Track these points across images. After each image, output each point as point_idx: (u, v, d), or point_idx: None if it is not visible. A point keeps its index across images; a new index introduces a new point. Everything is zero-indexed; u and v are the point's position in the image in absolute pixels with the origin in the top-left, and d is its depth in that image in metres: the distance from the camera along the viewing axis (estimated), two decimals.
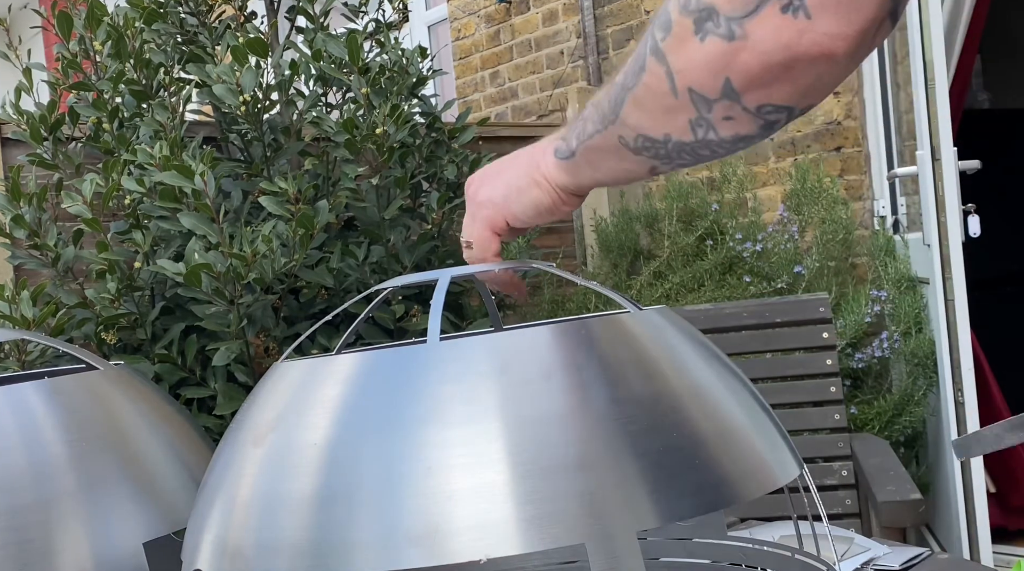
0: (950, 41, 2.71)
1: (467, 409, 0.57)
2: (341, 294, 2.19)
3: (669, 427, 0.58)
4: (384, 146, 2.14)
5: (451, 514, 0.54)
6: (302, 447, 0.59)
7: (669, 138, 0.63)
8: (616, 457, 0.56)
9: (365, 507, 0.55)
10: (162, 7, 2.22)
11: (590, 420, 0.57)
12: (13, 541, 0.78)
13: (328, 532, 0.55)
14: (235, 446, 0.64)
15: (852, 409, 2.66)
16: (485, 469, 0.55)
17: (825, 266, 2.90)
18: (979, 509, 2.41)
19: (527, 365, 0.58)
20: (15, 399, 0.85)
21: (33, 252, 2.03)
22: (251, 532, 0.58)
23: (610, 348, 0.61)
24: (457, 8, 4.50)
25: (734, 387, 0.64)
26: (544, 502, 0.54)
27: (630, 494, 0.55)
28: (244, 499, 0.60)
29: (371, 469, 0.56)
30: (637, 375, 0.60)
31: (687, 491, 0.56)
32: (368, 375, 0.60)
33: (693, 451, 0.58)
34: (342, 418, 0.59)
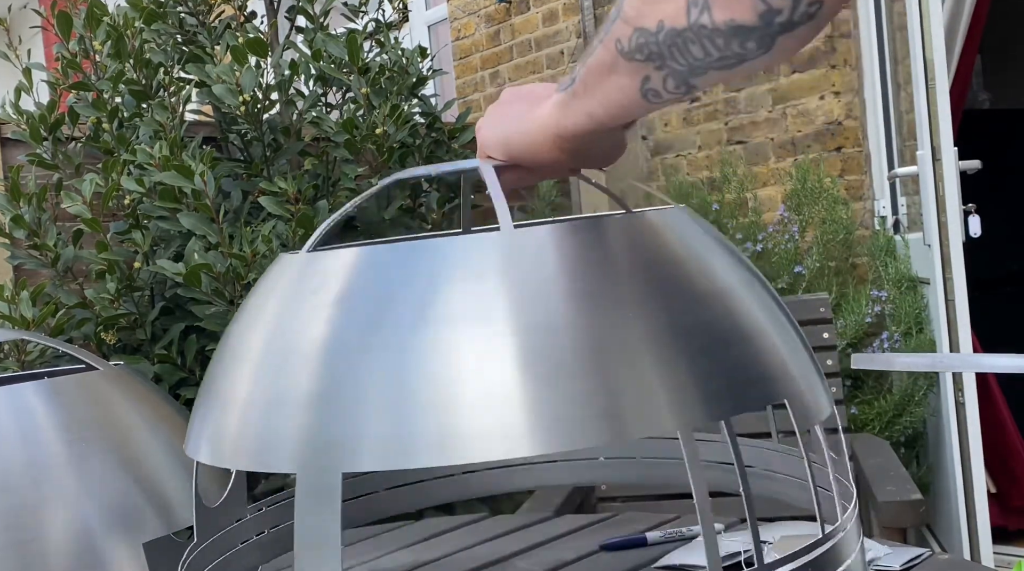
0: (950, 41, 2.71)
1: (479, 307, 0.55)
2: None
3: (696, 327, 0.56)
4: (384, 146, 2.14)
5: (461, 414, 0.52)
6: (304, 342, 0.57)
7: (662, 26, 0.57)
8: (634, 357, 0.54)
9: (371, 405, 0.53)
10: (162, 7, 2.22)
11: (607, 319, 0.55)
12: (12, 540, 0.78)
13: (331, 429, 0.53)
14: (236, 339, 0.62)
15: (852, 409, 2.66)
16: (497, 368, 0.53)
17: (825, 266, 2.89)
18: (979, 509, 2.41)
19: (544, 263, 0.56)
20: (15, 399, 0.85)
21: (33, 252, 2.03)
22: (250, 427, 0.57)
23: (630, 246, 0.59)
24: (457, 8, 4.50)
25: (766, 295, 0.63)
26: (557, 403, 0.52)
27: (647, 395, 0.53)
28: (244, 395, 0.59)
29: (376, 366, 0.54)
30: (661, 274, 0.58)
31: (712, 393, 0.55)
32: (372, 269, 0.58)
33: (721, 350, 0.56)
34: (346, 313, 0.57)
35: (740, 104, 3.33)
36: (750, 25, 0.54)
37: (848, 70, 3.05)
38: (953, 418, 2.46)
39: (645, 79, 0.61)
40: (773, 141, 3.24)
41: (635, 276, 0.57)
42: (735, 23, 0.54)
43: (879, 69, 3.03)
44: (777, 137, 3.22)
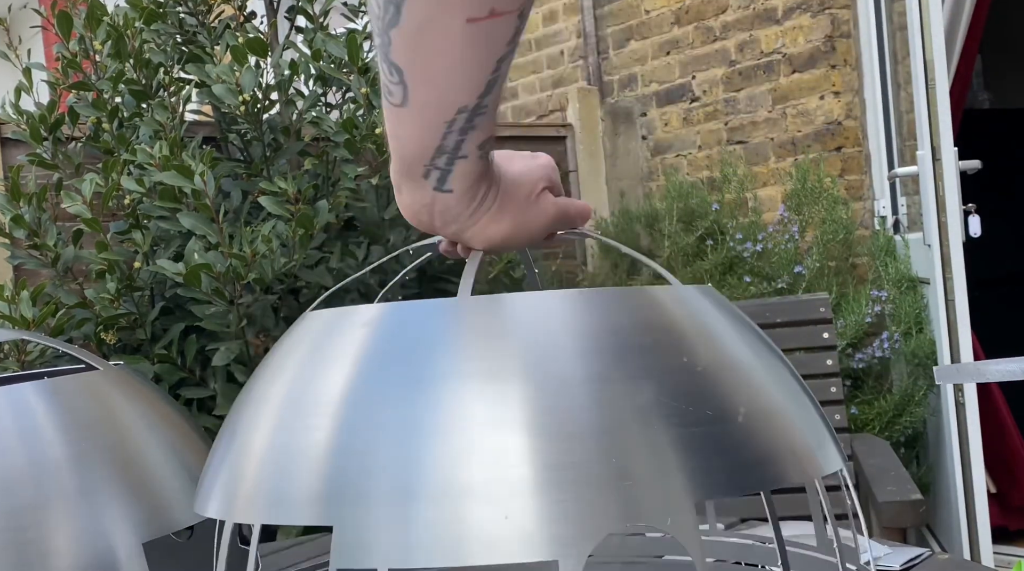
0: (950, 41, 2.71)
1: (491, 368, 0.55)
2: (341, 294, 2.18)
3: (706, 400, 0.57)
4: (384, 146, 2.14)
5: (469, 473, 0.53)
6: (320, 400, 0.58)
7: None
8: (646, 426, 0.54)
9: (381, 462, 0.54)
10: (161, 7, 2.22)
11: (618, 387, 0.55)
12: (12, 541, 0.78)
13: (342, 485, 0.54)
14: (254, 394, 0.64)
15: (852, 409, 2.66)
16: (505, 430, 0.53)
17: (825, 266, 2.89)
18: (979, 509, 2.41)
19: (557, 329, 0.57)
20: (15, 399, 0.84)
21: (33, 252, 2.03)
22: (264, 482, 0.58)
23: (644, 318, 0.59)
24: None
25: (783, 369, 0.63)
26: (566, 468, 0.52)
27: (660, 464, 0.53)
28: (259, 448, 0.60)
29: (389, 424, 0.55)
30: (672, 346, 0.58)
31: (724, 469, 0.54)
32: (393, 328, 0.59)
33: (731, 428, 0.56)
34: (363, 371, 0.58)
35: (740, 104, 3.33)
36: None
37: (848, 70, 3.05)
38: (953, 418, 2.46)
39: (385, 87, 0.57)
40: (773, 141, 3.24)
41: (646, 349, 0.58)
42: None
43: (879, 69, 3.03)
44: (777, 137, 3.22)
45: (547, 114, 4.05)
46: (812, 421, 0.62)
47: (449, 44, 0.53)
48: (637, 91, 3.70)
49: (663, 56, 3.58)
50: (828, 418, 2.04)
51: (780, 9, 3.18)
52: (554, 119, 3.93)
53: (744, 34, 3.29)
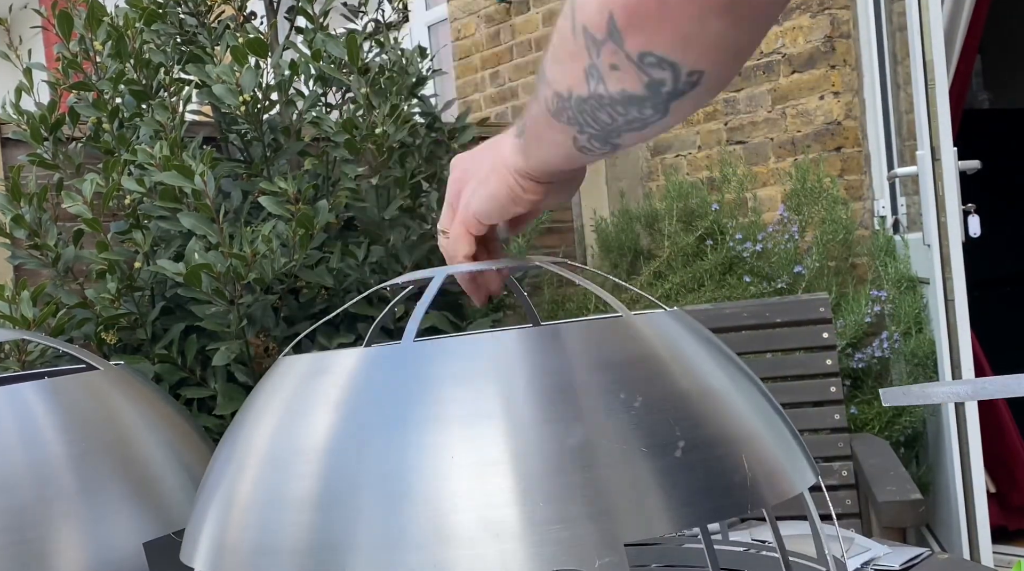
0: (950, 41, 2.71)
1: (470, 410, 0.56)
2: (341, 294, 2.18)
3: (682, 430, 0.57)
4: (384, 146, 2.14)
5: (454, 519, 0.53)
6: (302, 448, 0.58)
7: (571, 93, 0.58)
8: (626, 459, 0.55)
9: (365, 511, 0.54)
10: (162, 7, 2.22)
11: (597, 422, 0.55)
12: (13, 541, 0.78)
13: (327, 534, 0.54)
14: (235, 445, 0.64)
15: (852, 409, 2.66)
16: (489, 472, 0.54)
17: (825, 266, 2.90)
18: (979, 509, 2.41)
19: (533, 366, 0.57)
20: (15, 399, 0.85)
21: (33, 252, 2.03)
22: (249, 533, 0.58)
23: (618, 349, 0.60)
24: (457, 8, 4.50)
25: (747, 390, 0.64)
26: (550, 506, 0.53)
27: (640, 498, 0.54)
28: (243, 500, 0.60)
29: (372, 472, 0.55)
30: (647, 377, 0.59)
31: (701, 497, 0.55)
32: (369, 373, 0.60)
33: (708, 454, 0.57)
34: (344, 417, 0.58)
35: (740, 104, 3.33)
36: (640, 95, 0.56)
37: (848, 70, 3.05)
38: (953, 418, 2.46)
39: (574, 138, 0.62)
40: (773, 141, 3.24)
41: (623, 380, 0.58)
42: (627, 93, 0.56)
43: (879, 69, 3.03)
44: (777, 137, 3.22)
45: None
46: (784, 439, 0.62)
47: None
48: None
49: None
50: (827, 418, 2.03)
51: None
52: None
53: None
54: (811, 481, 0.62)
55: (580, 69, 0.56)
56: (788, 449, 0.62)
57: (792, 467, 0.61)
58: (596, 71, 0.56)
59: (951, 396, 0.65)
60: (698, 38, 0.52)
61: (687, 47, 0.52)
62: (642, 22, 0.52)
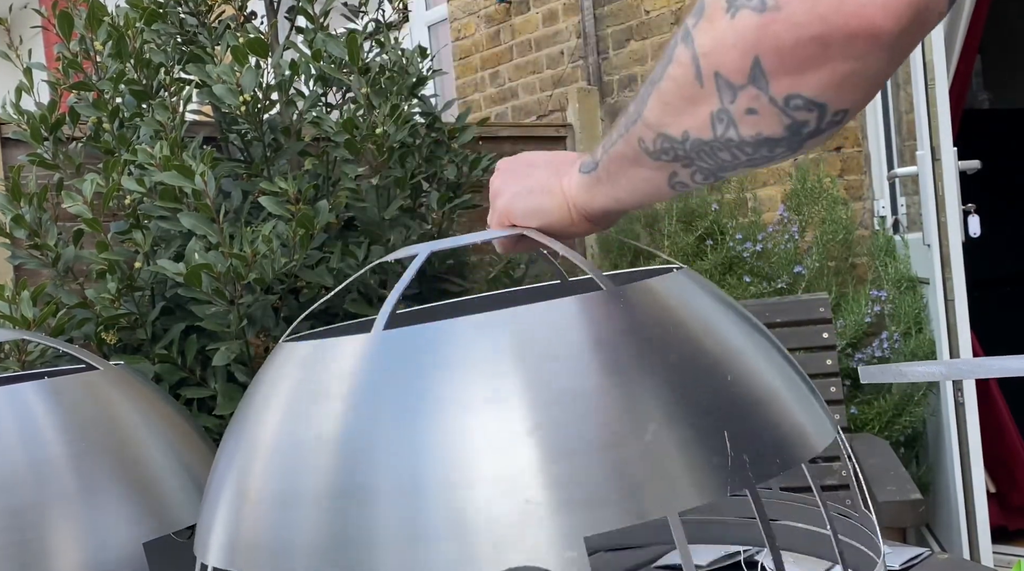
0: (950, 41, 2.71)
1: (490, 389, 0.54)
2: (341, 294, 2.18)
3: (706, 395, 0.56)
4: (384, 146, 2.14)
5: (476, 506, 0.51)
6: (312, 441, 0.56)
7: (688, 136, 0.58)
8: (650, 433, 0.53)
9: (384, 503, 0.52)
10: (162, 7, 2.22)
11: (619, 394, 0.54)
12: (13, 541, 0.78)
13: (346, 530, 0.53)
14: (242, 437, 0.62)
15: (852, 409, 2.66)
16: (511, 453, 0.52)
17: (825, 266, 2.90)
18: (979, 509, 2.41)
19: (552, 339, 0.56)
20: (15, 399, 0.85)
21: (33, 252, 2.03)
22: (265, 530, 0.56)
23: (637, 316, 0.59)
24: (457, 8, 4.50)
25: (766, 349, 0.63)
26: (575, 486, 0.51)
27: (666, 473, 0.53)
28: (255, 495, 0.58)
29: (388, 462, 0.53)
30: (668, 342, 0.58)
31: (727, 465, 0.54)
32: (379, 356, 0.58)
33: (733, 420, 0.56)
34: (354, 405, 0.56)
35: None
36: (778, 137, 0.55)
37: None
38: (953, 418, 2.46)
39: (672, 174, 0.62)
40: None
41: (646, 350, 0.57)
42: (763, 136, 0.55)
43: None
44: None
45: (547, 114, 4.05)
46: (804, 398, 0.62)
47: None
48: (637, 91, 3.70)
49: None
50: None
51: None
52: (554, 119, 3.93)
53: None
54: (830, 438, 0.62)
55: (705, 114, 0.56)
56: (810, 408, 0.62)
57: (816, 427, 0.61)
58: (727, 115, 0.55)
59: (927, 375, 0.66)
60: (853, 78, 0.51)
61: (841, 87, 0.51)
62: (797, 65, 0.51)
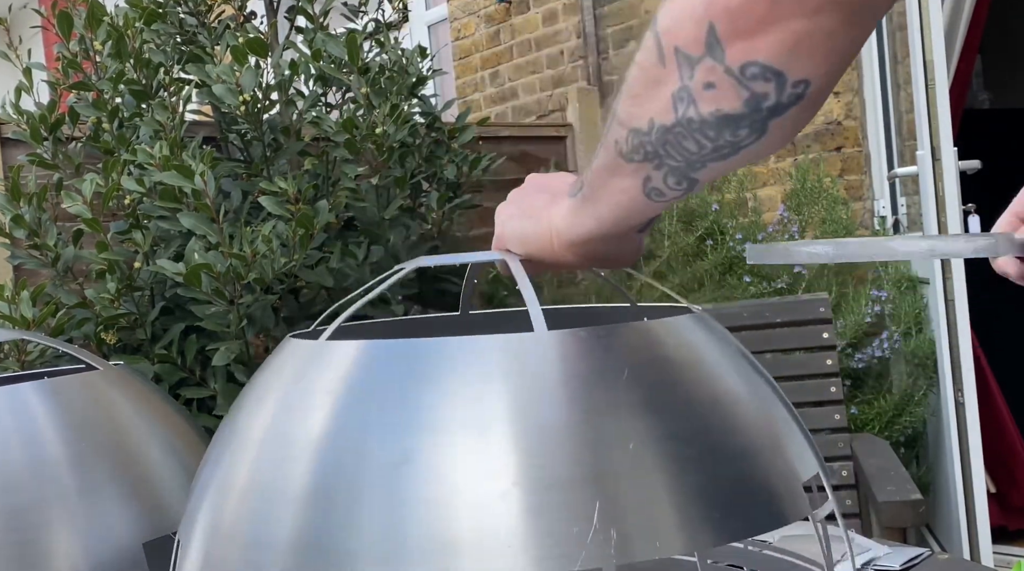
0: (950, 41, 2.71)
1: (477, 413, 0.54)
2: (341, 294, 2.18)
3: (699, 441, 0.55)
4: (384, 146, 2.14)
5: (456, 527, 0.51)
6: (301, 439, 0.56)
7: (653, 124, 0.56)
8: (638, 472, 0.53)
9: (366, 511, 0.52)
10: (162, 7, 2.22)
11: (607, 430, 0.54)
12: (13, 541, 0.78)
13: (325, 534, 0.53)
14: (233, 432, 0.62)
15: (852, 409, 2.66)
16: (494, 480, 0.52)
17: (825, 266, 2.89)
18: (979, 509, 2.41)
19: (543, 369, 0.55)
20: (15, 399, 0.85)
21: (33, 252, 2.03)
22: (244, 524, 0.57)
23: (633, 354, 0.58)
24: (457, 8, 4.50)
25: (765, 395, 0.62)
26: (556, 519, 0.51)
27: (651, 514, 0.52)
28: (239, 489, 0.58)
29: (373, 470, 0.53)
30: (663, 383, 0.57)
31: (717, 517, 0.54)
32: (374, 366, 0.58)
33: (723, 470, 0.55)
34: (344, 409, 0.56)
35: None
36: (738, 113, 0.54)
37: (848, 70, 3.05)
38: (953, 418, 2.46)
39: (646, 179, 0.60)
40: None
41: (639, 388, 0.56)
42: (722, 113, 0.54)
43: (879, 69, 3.03)
44: None
45: (547, 114, 4.05)
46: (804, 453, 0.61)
47: None
48: None
49: None
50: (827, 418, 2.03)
51: None
52: (554, 119, 3.93)
53: None
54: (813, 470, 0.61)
55: (667, 95, 0.55)
56: (805, 458, 0.61)
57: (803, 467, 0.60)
58: (687, 93, 0.54)
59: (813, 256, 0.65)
60: (809, 39, 0.50)
61: (796, 51, 0.51)
62: (749, 26, 0.50)
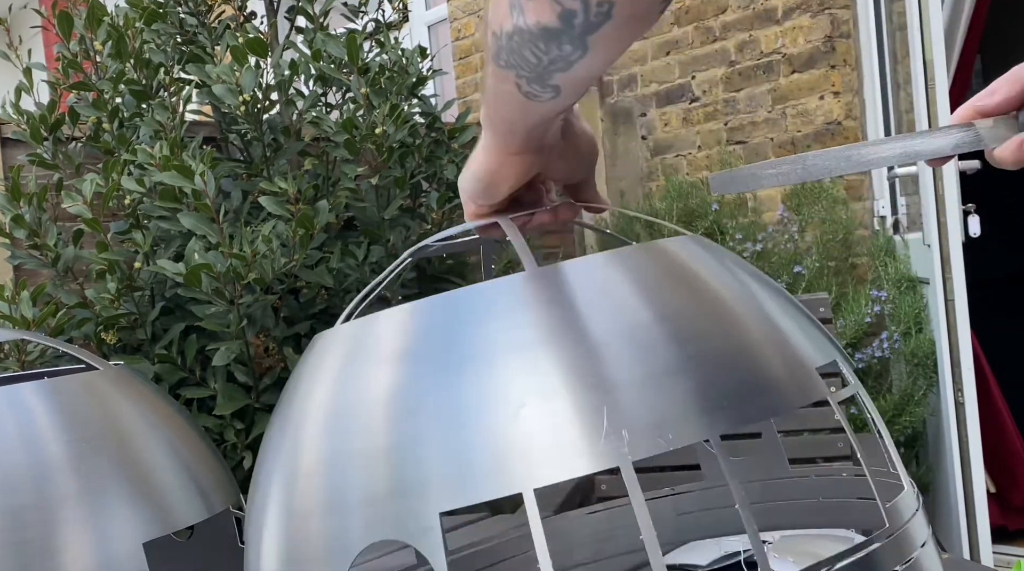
0: (950, 41, 2.71)
1: (521, 339, 0.58)
2: (341, 294, 2.18)
3: (720, 336, 0.59)
4: (384, 146, 2.14)
5: (519, 443, 0.55)
6: (360, 404, 0.59)
7: (502, 29, 0.59)
8: (672, 371, 0.57)
9: (434, 451, 0.56)
10: (162, 7, 2.22)
11: (642, 338, 0.58)
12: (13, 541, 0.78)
13: (397, 481, 0.56)
14: (291, 411, 0.64)
15: (852, 409, 2.66)
16: (546, 394, 0.55)
17: (825, 266, 2.90)
18: (979, 509, 2.41)
19: (573, 295, 0.60)
20: (15, 399, 0.85)
21: (33, 252, 2.03)
22: (319, 493, 0.59)
23: (652, 270, 0.63)
24: (457, 8, 4.50)
25: (780, 300, 0.66)
26: (611, 420, 0.55)
27: (693, 405, 0.56)
28: (308, 463, 0.61)
29: (434, 415, 0.57)
30: (683, 291, 0.61)
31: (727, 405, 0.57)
32: (416, 323, 0.62)
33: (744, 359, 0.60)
34: (398, 370, 0.60)
35: (740, 104, 3.33)
36: (554, 27, 0.55)
37: (848, 70, 3.05)
38: (953, 418, 2.46)
39: (516, 85, 0.62)
40: (773, 141, 3.24)
41: (660, 300, 0.61)
42: (542, 24, 0.56)
43: (879, 69, 3.03)
44: (777, 137, 3.22)
45: None
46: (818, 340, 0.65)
47: None
48: (637, 91, 3.70)
49: (663, 56, 3.58)
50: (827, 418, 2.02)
51: (780, 9, 3.18)
52: None
53: (744, 34, 3.29)
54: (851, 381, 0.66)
55: (506, 3, 0.57)
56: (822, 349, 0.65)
57: None
58: (518, 3, 0.56)
59: (781, 178, 0.67)
60: None
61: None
62: None
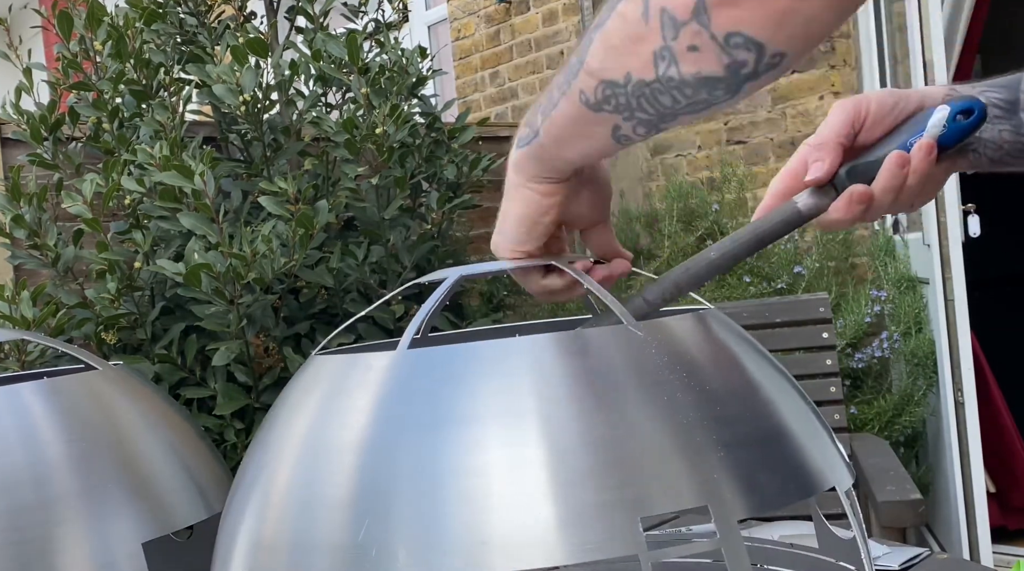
0: (950, 41, 2.71)
1: (507, 412, 0.56)
2: (341, 294, 2.18)
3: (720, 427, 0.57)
4: (384, 146, 2.14)
5: (490, 522, 0.53)
6: (339, 447, 0.58)
7: (629, 78, 0.58)
8: (662, 460, 0.55)
9: (403, 511, 0.55)
10: (162, 7, 2.22)
11: (630, 423, 0.56)
12: (13, 541, 0.78)
13: (363, 534, 0.55)
14: (270, 443, 0.64)
15: (852, 409, 2.66)
16: (525, 474, 0.54)
17: (825, 266, 2.89)
18: (979, 509, 2.41)
19: (567, 368, 0.57)
20: (15, 399, 0.85)
21: (33, 252, 2.03)
22: (287, 531, 0.58)
23: (651, 351, 0.60)
24: (457, 8, 4.50)
25: (783, 387, 0.64)
26: (587, 509, 0.53)
27: (678, 500, 0.54)
28: (280, 497, 0.60)
29: (409, 472, 0.55)
30: (681, 375, 0.59)
31: (742, 492, 0.56)
32: (405, 374, 0.60)
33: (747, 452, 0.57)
34: (379, 417, 0.58)
35: (740, 104, 3.33)
36: (717, 76, 0.56)
37: (848, 70, 3.05)
38: (952, 418, 2.46)
39: (615, 127, 0.62)
40: (773, 141, 3.24)
41: (664, 378, 0.59)
42: (703, 75, 0.56)
43: (879, 69, 3.03)
44: (777, 137, 3.22)
45: None
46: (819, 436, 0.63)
47: None
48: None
49: None
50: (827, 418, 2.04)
51: None
52: None
53: None
54: (848, 482, 0.62)
55: (648, 52, 0.56)
56: (824, 446, 0.62)
57: (827, 465, 0.62)
58: (669, 53, 0.55)
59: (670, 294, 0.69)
60: (793, 17, 0.52)
61: (779, 27, 0.52)
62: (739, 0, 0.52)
